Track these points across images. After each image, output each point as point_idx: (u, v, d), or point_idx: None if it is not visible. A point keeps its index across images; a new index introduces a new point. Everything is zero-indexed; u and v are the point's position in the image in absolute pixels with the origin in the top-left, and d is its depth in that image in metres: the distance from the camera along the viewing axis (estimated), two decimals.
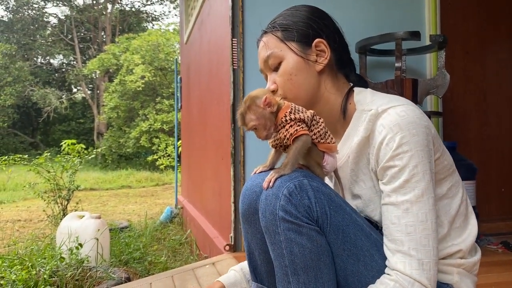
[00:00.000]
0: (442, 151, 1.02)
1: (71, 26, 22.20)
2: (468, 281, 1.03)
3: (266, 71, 1.16)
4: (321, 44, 1.11)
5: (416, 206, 0.92)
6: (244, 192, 1.12)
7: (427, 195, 0.93)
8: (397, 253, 0.93)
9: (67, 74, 22.16)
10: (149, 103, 16.22)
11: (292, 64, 1.10)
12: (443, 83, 2.37)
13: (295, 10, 1.15)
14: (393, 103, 0.99)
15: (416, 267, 0.91)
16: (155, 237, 4.50)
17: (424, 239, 0.91)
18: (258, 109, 1.00)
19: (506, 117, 3.14)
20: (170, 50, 16.42)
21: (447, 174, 1.02)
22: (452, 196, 1.03)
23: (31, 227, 5.40)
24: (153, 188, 11.04)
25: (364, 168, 1.05)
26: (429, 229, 0.92)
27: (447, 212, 1.02)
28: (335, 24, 1.17)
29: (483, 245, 2.53)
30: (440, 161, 1.00)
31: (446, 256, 1.02)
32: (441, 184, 1.01)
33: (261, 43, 1.16)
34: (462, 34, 3.02)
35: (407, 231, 0.92)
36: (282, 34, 1.11)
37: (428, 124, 0.97)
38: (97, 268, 2.72)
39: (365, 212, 1.07)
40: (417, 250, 0.91)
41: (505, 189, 3.10)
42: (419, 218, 0.92)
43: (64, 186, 4.84)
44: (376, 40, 2.42)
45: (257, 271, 1.16)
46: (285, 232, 0.94)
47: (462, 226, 1.04)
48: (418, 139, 0.93)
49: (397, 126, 0.94)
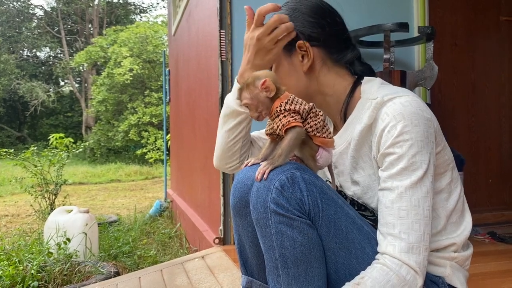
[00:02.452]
0: (444, 145, 1.03)
1: (58, 18, 21.88)
2: (460, 275, 1.04)
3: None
4: (303, 46, 1.10)
5: (410, 192, 0.93)
6: (235, 184, 1.11)
7: (423, 183, 0.93)
8: (388, 236, 0.93)
9: (54, 67, 21.88)
10: (137, 96, 16.10)
11: (280, 69, 1.12)
12: (431, 75, 2.37)
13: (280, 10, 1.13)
14: (399, 94, 1.00)
15: (405, 250, 0.91)
16: (145, 231, 4.48)
17: (416, 224, 0.92)
18: (255, 90, 0.99)
19: (494, 109, 3.17)
20: (158, 42, 16.28)
21: (447, 169, 1.03)
22: (451, 191, 1.04)
23: (19, 222, 5.34)
24: (142, 182, 10.98)
25: (364, 155, 1.05)
26: (421, 215, 0.92)
27: (444, 206, 1.02)
28: (324, 15, 1.14)
29: (471, 236, 2.55)
30: (441, 155, 1.01)
31: (440, 248, 1.02)
32: (441, 178, 1.02)
33: None
34: (450, 26, 3.03)
35: (400, 215, 0.93)
36: None
37: (431, 118, 0.99)
38: (86, 263, 2.70)
39: (362, 199, 1.08)
40: (408, 233, 0.91)
41: (492, 180, 3.14)
42: (412, 203, 0.92)
43: (51, 181, 4.78)
44: (365, 31, 2.41)
45: (248, 264, 1.16)
46: (276, 225, 0.93)
47: (458, 221, 1.05)
48: (419, 130, 0.94)
49: (401, 115, 0.95)
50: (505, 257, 2.11)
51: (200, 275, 2.14)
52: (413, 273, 0.90)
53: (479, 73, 3.12)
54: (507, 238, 2.46)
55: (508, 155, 3.20)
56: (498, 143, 3.18)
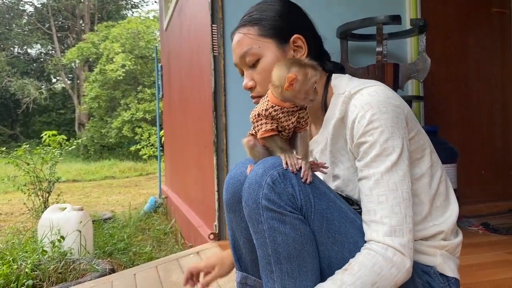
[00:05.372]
0: (417, 131, 1.03)
1: (48, 14, 21.67)
2: (450, 262, 1.04)
3: (242, 67, 1.14)
4: (298, 40, 1.09)
5: (386, 177, 0.94)
6: (228, 181, 1.11)
7: (398, 166, 0.94)
8: (371, 223, 0.94)
9: (45, 64, 21.68)
10: (130, 92, 16.01)
11: (271, 62, 1.07)
12: (424, 67, 2.37)
13: (270, 4, 1.13)
14: (366, 85, 1.01)
15: (388, 234, 0.91)
16: (140, 227, 4.47)
17: (396, 207, 0.92)
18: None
19: (487, 101, 3.18)
20: (150, 37, 16.19)
21: (424, 154, 1.04)
22: (432, 175, 1.04)
23: (12, 220, 5.31)
24: (136, 178, 10.95)
25: (341, 149, 1.06)
26: (401, 197, 0.93)
27: (427, 191, 1.03)
28: (308, 17, 1.16)
29: (464, 227, 2.57)
30: (415, 140, 1.02)
31: (428, 237, 1.02)
32: (419, 163, 1.03)
33: (236, 38, 1.13)
34: (442, 18, 3.03)
35: (379, 201, 0.93)
36: (260, 29, 1.09)
37: (400, 104, 0.99)
38: (81, 260, 2.69)
39: (345, 192, 1.09)
40: (389, 217, 0.92)
41: (485, 171, 3.15)
42: (390, 187, 0.93)
43: (44, 178, 4.75)
44: (357, 24, 2.40)
45: (242, 260, 1.16)
46: (268, 221, 0.93)
47: (443, 205, 1.05)
48: (388, 116, 0.95)
49: (368, 105, 0.97)
50: (498, 248, 2.13)
51: None
52: (399, 254, 0.90)
53: (471, 65, 3.12)
54: (501, 229, 2.48)
55: (501, 147, 3.22)
56: (491, 135, 3.20)
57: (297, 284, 0.94)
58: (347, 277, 0.90)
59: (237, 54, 1.12)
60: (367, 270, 0.89)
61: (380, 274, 0.89)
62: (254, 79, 1.11)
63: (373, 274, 0.89)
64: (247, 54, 1.09)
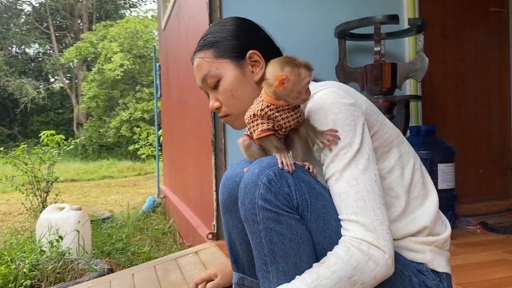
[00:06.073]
0: (381, 124, 1.03)
1: (46, 14, 21.62)
2: (440, 258, 1.04)
3: (206, 89, 1.17)
4: (254, 55, 1.12)
5: (346, 173, 0.94)
6: (223, 181, 1.11)
7: (357, 161, 0.94)
8: (342, 222, 0.94)
9: (43, 63, 21.64)
10: (128, 91, 15.99)
11: (231, 80, 1.11)
12: (422, 67, 2.37)
13: (222, 25, 1.17)
14: (318, 89, 1.02)
15: (359, 230, 0.90)
16: (138, 227, 4.46)
17: (360, 202, 0.92)
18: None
19: (484, 100, 3.18)
20: (148, 37, 16.16)
21: (392, 146, 1.04)
22: (403, 166, 1.04)
23: (11, 220, 5.30)
24: (135, 178, 10.94)
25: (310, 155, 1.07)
26: (364, 191, 0.92)
27: (400, 183, 1.02)
28: (264, 32, 1.19)
29: (462, 226, 2.58)
30: (379, 135, 1.02)
31: (414, 233, 1.02)
32: (388, 156, 1.03)
33: (195, 63, 1.17)
34: (440, 18, 3.03)
35: (341, 199, 0.93)
36: (215, 51, 1.12)
37: (355, 102, 0.99)
38: (79, 260, 2.69)
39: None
40: (355, 213, 0.91)
41: (483, 170, 3.16)
42: (349, 184, 0.93)
43: (42, 178, 4.74)
44: (355, 24, 2.40)
45: (239, 261, 1.16)
46: (264, 221, 0.93)
47: (422, 195, 1.05)
48: (342, 116, 0.96)
49: (320, 109, 0.98)
50: (496, 247, 2.13)
51: (193, 271, 2.14)
52: (374, 248, 0.89)
53: (469, 64, 3.13)
54: (498, 228, 2.48)
55: (498, 146, 3.22)
56: (488, 134, 3.20)
57: None
58: (323, 270, 0.89)
59: (198, 78, 1.16)
60: (343, 263, 0.89)
61: (356, 267, 0.88)
62: (218, 99, 1.14)
63: (349, 267, 0.88)
64: (207, 77, 1.13)
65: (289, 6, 2.62)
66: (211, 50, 1.13)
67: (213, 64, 1.12)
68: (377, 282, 0.91)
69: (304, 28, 2.62)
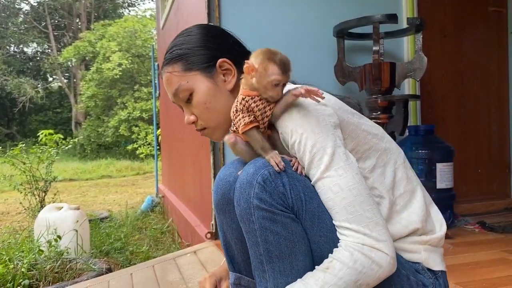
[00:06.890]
0: (357, 123, 1.01)
1: (45, 13, 21.58)
2: (435, 256, 1.04)
3: (179, 103, 1.13)
4: (224, 64, 1.09)
5: (326, 182, 0.92)
6: (217, 182, 1.11)
7: (333, 166, 0.92)
8: (336, 227, 0.93)
9: (42, 62, 21.59)
10: (127, 91, 15.97)
11: (204, 93, 1.08)
12: (420, 66, 2.38)
13: (187, 35, 1.12)
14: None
15: (355, 235, 0.90)
16: (136, 226, 4.46)
17: (349, 207, 0.90)
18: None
19: (483, 100, 3.18)
20: (147, 36, 16.15)
21: (371, 145, 1.02)
22: (384, 164, 1.02)
23: (9, 220, 5.29)
24: (133, 177, 10.94)
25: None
26: (349, 197, 0.91)
27: (383, 181, 1.01)
28: (232, 37, 1.15)
29: (461, 226, 2.58)
30: (356, 134, 1.00)
31: (408, 234, 1.01)
32: (369, 156, 1.01)
33: (164, 78, 1.12)
34: (439, 17, 3.03)
35: (329, 207, 0.93)
36: (183, 64, 1.08)
37: (321, 107, 0.97)
38: (77, 260, 2.69)
39: None
40: (348, 220, 0.90)
41: (481, 170, 3.16)
42: (333, 191, 0.91)
43: (40, 178, 4.74)
44: (354, 23, 2.40)
45: (235, 261, 1.16)
46: (259, 221, 0.93)
47: (408, 191, 1.04)
48: (310, 120, 0.94)
49: (287, 115, 0.96)
50: (494, 247, 2.13)
51: (192, 270, 2.14)
52: (375, 250, 0.89)
53: (467, 64, 3.13)
54: (497, 227, 2.48)
55: (497, 145, 3.22)
56: (487, 134, 3.20)
57: (290, 283, 0.94)
58: (329, 277, 0.89)
59: (170, 93, 1.12)
60: (349, 269, 0.88)
61: (362, 271, 0.88)
62: (194, 113, 1.11)
63: (354, 272, 0.88)
64: (178, 92, 1.09)
65: (288, 5, 2.62)
66: (179, 64, 1.08)
67: (182, 77, 1.08)
68: (380, 281, 0.92)
69: (303, 28, 2.62)
